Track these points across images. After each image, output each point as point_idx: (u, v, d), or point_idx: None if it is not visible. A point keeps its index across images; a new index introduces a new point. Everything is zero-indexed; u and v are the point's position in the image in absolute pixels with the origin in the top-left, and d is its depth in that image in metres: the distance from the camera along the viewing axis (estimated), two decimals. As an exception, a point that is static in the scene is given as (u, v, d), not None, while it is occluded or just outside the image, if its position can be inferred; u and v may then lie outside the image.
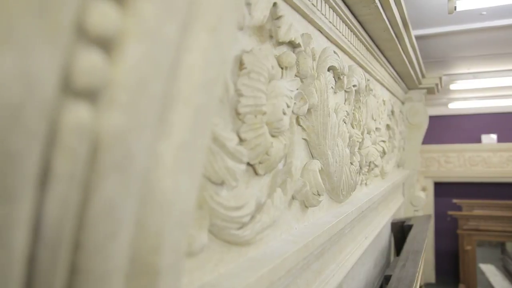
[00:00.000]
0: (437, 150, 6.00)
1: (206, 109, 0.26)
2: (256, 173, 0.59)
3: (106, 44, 0.21)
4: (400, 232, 2.28)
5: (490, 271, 5.39)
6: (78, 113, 0.21)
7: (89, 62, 0.21)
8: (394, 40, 1.39)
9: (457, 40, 2.31)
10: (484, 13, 1.85)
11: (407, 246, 1.67)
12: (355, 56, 1.22)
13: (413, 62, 1.85)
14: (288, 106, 0.63)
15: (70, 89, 0.20)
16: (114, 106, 0.22)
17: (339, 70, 0.97)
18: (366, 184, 1.45)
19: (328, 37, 0.99)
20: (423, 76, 2.42)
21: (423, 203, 2.71)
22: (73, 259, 0.23)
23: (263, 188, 0.63)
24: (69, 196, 0.21)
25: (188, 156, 0.27)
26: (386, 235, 2.22)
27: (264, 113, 0.57)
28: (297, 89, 0.72)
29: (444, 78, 3.52)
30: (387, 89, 1.93)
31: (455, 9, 1.33)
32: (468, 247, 5.30)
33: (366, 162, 1.31)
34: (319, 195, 0.81)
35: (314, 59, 0.78)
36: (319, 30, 0.92)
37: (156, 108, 0.23)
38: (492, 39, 2.28)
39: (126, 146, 0.22)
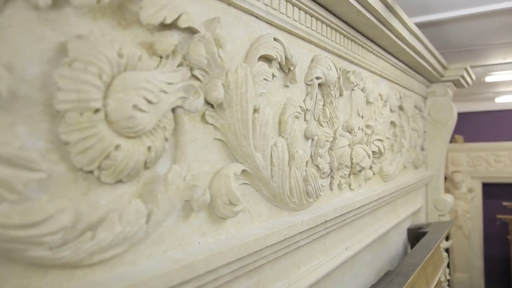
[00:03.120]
0: (485, 148, 5.55)
1: None
2: (100, 181, 0.50)
3: None
4: (416, 239, 2.07)
5: (548, 280, 4.89)
6: None
7: None
8: (378, 26, 1.23)
9: (480, 25, 2.04)
10: (499, -9, 1.61)
11: (407, 258, 1.49)
12: (324, 45, 1.08)
13: (419, 51, 1.65)
14: (150, 102, 0.53)
15: None
16: None
17: (279, 60, 0.85)
18: (350, 188, 1.30)
19: (270, 23, 0.87)
20: (444, 67, 2.18)
21: (449, 207, 2.46)
22: None
23: (123, 198, 0.54)
24: None
25: None
26: (399, 243, 2.03)
27: (96, 110, 0.47)
28: (188, 81, 0.62)
29: (478, 69, 3.20)
30: (394, 82, 1.74)
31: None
32: (521, 254, 4.86)
33: (342, 163, 1.17)
34: (233, 204, 0.70)
35: (219, 46, 0.67)
36: (251, 14, 0.81)
37: None
38: (520, 23, 2.00)
39: None
